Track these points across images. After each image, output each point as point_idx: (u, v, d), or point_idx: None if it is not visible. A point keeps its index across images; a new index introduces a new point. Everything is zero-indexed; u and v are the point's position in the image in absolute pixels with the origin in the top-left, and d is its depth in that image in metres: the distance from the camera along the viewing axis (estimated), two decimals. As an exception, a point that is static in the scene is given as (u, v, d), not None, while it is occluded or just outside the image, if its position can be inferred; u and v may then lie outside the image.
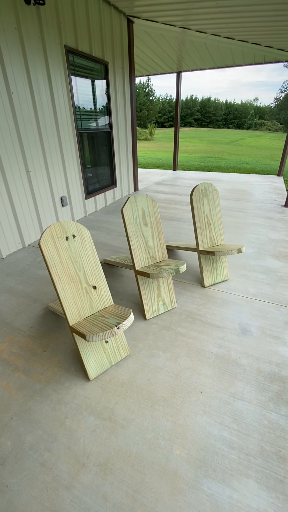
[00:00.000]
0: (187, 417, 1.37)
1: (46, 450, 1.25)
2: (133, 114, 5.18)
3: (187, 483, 1.12)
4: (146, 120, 39.03)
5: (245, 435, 1.29)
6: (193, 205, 2.29)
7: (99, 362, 1.59)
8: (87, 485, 1.12)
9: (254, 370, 1.62)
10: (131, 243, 1.93)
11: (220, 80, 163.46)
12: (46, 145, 3.27)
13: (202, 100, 49.60)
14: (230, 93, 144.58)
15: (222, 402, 1.44)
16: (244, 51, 5.57)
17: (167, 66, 6.91)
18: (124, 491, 1.10)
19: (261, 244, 3.26)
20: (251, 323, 2.00)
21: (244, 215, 4.30)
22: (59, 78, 3.26)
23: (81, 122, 3.86)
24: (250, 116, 46.92)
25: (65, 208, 3.84)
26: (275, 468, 1.16)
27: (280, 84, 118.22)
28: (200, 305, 2.20)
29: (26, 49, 2.76)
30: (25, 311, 2.17)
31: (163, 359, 1.70)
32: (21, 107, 2.84)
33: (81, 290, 1.55)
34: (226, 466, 1.18)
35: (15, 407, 1.44)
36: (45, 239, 1.45)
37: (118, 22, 4.27)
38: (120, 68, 4.55)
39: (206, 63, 6.67)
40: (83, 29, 3.51)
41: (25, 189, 3.10)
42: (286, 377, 1.57)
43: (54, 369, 1.65)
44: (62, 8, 3.11)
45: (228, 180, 7.09)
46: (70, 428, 1.33)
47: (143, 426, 1.33)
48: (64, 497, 1.09)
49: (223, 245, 2.43)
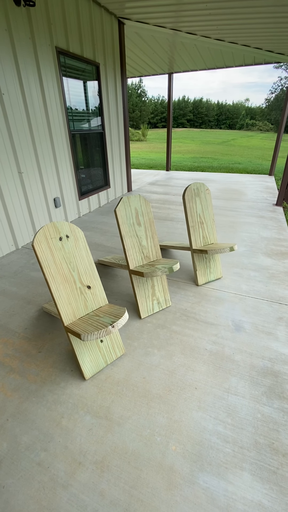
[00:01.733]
0: (182, 413, 1.39)
1: (43, 450, 1.25)
2: (125, 115, 5.20)
3: (183, 478, 1.14)
4: (138, 121, 39.10)
5: (239, 429, 1.31)
6: (186, 205, 2.32)
7: (94, 362, 1.60)
8: (84, 483, 1.13)
9: (247, 366, 1.65)
10: (124, 243, 1.94)
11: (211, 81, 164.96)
12: (39, 146, 3.26)
13: (194, 101, 49.97)
14: (222, 94, 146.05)
15: (217, 397, 1.46)
16: (234, 52, 5.65)
17: (158, 67, 6.96)
18: (121, 487, 1.11)
19: (253, 242, 3.31)
20: (244, 319, 2.03)
21: (237, 214, 4.36)
22: (51, 79, 3.26)
23: (73, 123, 3.86)
24: (241, 116, 47.44)
25: (58, 210, 3.83)
26: (268, 460, 1.19)
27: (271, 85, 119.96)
28: (194, 303, 2.23)
29: (17, 50, 2.75)
30: (19, 313, 2.16)
31: (158, 357, 1.72)
32: (13, 108, 2.83)
33: (76, 290, 1.56)
34: (221, 459, 1.20)
35: (11, 409, 1.43)
36: (39, 240, 1.45)
37: (109, 23, 4.28)
38: (112, 69, 4.56)
39: (197, 65, 6.74)
40: (74, 31, 3.51)
41: (17, 190, 3.08)
42: (278, 372, 1.60)
43: (49, 370, 1.65)
44: (53, 9, 3.11)
45: (221, 180, 7.17)
46: (66, 427, 1.34)
47: (139, 423, 1.34)
48: (61, 496, 1.09)
49: (216, 243, 2.46)
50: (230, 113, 50.70)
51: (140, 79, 42.90)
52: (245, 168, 10.27)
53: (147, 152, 17.65)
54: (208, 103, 50.75)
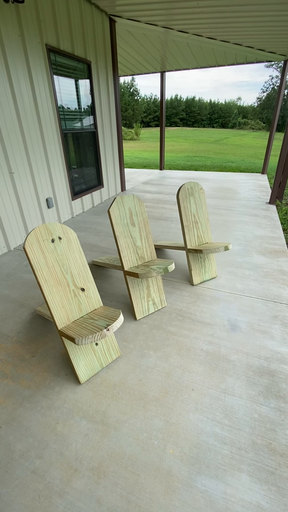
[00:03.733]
0: (179, 415, 1.37)
1: (37, 457, 1.22)
2: (118, 114, 5.16)
3: (181, 481, 1.13)
4: (131, 120, 38.96)
5: (237, 429, 1.31)
6: (180, 204, 2.31)
7: (89, 365, 1.57)
8: (80, 490, 1.11)
9: (243, 365, 1.65)
10: (119, 243, 1.92)
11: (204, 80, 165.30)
12: (30, 146, 3.20)
13: (187, 99, 50.01)
14: (214, 93, 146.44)
15: (214, 398, 1.45)
16: (226, 51, 5.66)
17: (150, 65, 6.93)
18: (118, 493, 1.09)
19: (248, 241, 3.32)
20: (239, 319, 2.03)
21: (231, 213, 4.37)
22: (41, 77, 3.20)
23: (65, 122, 3.80)
24: (234, 115, 47.71)
25: (51, 210, 3.78)
26: (266, 461, 1.19)
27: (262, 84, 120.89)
28: (190, 303, 2.22)
29: (6, 48, 2.69)
30: (12, 317, 2.11)
31: (154, 359, 1.71)
32: (2, 107, 2.77)
33: (69, 292, 1.53)
34: (219, 461, 1.19)
35: (4, 416, 1.40)
36: (30, 242, 1.42)
37: (100, 21, 4.23)
38: (104, 67, 4.52)
39: (189, 63, 6.73)
40: (64, 28, 3.46)
41: (8, 191, 3.02)
42: (274, 371, 1.60)
43: (43, 375, 1.62)
44: (42, 6, 3.05)
45: (214, 179, 7.18)
46: (61, 433, 1.31)
47: (136, 427, 1.33)
48: (57, 504, 1.07)
49: (211, 243, 2.45)
50: (223, 112, 50.93)
51: (133, 78, 42.74)
52: (238, 166, 10.33)
53: (140, 151, 17.60)
54: (200, 102, 50.88)
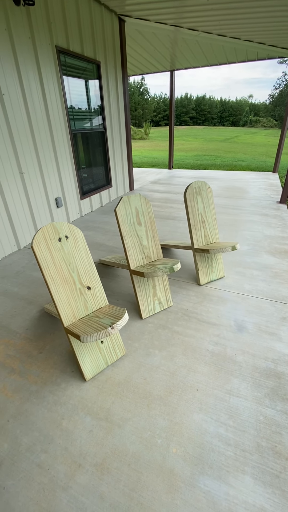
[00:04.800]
0: (183, 415, 1.37)
1: (43, 451, 1.24)
2: (127, 113, 5.17)
3: (184, 481, 1.13)
4: (141, 119, 38.97)
5: (241, 431, 1.30)
6: (187, 204, 2.29)
7: (95, 363, 1.59)
8: (83, 485, 1.12)
9: (250, 367, 1.63)
10: (125, 242, 1.93)
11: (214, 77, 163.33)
12: (40, 147, 3.26)
13: (197, 98, 49.60)
14: (225, 91, 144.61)
15: (218, 399, 1.44)
16: (237, 48, 5.58)
17: (160, 64, 6.90)
18: (121, 490, 1.10)
19: (257, 241, 3.27)
20: (246, 319, 2.01)
21: (240, 213, 4.31)
22: (51, 78, 3.25)
23: (74, 122, 3.85)
24: (245, 113, 46.97)
25: (60, 209, 3.83)
26: (271, 464, 1.17)
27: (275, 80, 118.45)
28: (196, 303, 2.21)
29: (17, 50, 2.74)
30: (20, 314, 2.16)
31: (159, 358, 1.71)
32: (13, 108, 2.82)
33: (75, 291, 1.55)
34: (222, 462, 1.18)
35: (12, 410, 1.43)
36: (38, 241, 1.45)
37: (110, 21, 4.25)
38: (113, 67, 4.54)
39: (199, 61, 6.67)
40: (74, 29, 3.49)
41: (19, 191, 3.08)
42: (281, 373, 1.57)
43: (50, 371, 1.65)
44: (52, 8, 3.10)
45: (224, 178, 7.10)
46: (66, 429, 1.33)
47: (140, 425, 1.33)
48: (61, 498, 1.09)
49: (218, 242, 2.43)
50: (234, 109, 50.23)
51: (142, 77, 42.76)
52: (248, 165, 10.17)
53: (150, 151, 17.59)
54: (211, 100, 50.35)
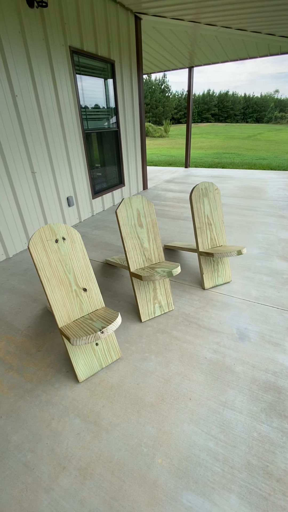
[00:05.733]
0: (173, 425, 1.34)
1: (30, 450, 1.26)
2: (142, 112, 5.14)
3: (166, 494, 1.09)
4: (161, 116, 38.71)
5: (232, 446, 1.24)
6: (193, 205, 2.23)
7: (88, 364, 1.59)
8: (65, 488, 1.13)
9: (248, 378, 1.55)
10: (125, 244, 1.91)
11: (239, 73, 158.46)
12: (52, 147, 3.31)
13: (220, 94, 48.40)
14: (249, 86, 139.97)
15: (211, 410, 1.39)
16: (258, 42, 5.35)
17: (178, 61, 6.78)
18: (102, 497, 1.09)
19: (269, 244, 3.13)
20: (250, 328, 1.92)
21: (254, 214, 4.15)
22: (64, 79, 3.29)
23: (87, 122, 3.87)
24: (270, 109, 45.20)
25: (71, 208, 3.89)
26: (260, 484, 1.11)
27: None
28: (199, 308, 2.15)
29: (30, 52, 2.80)
30: (24, 311, 2.21)
31: (154, 363, 1.68)
32: (26, 109, 2.89)
33: (71, 292, 1.55)
34: (208, 478, 1.14)
35: (5, 406, 1.47)
36: (34, 242, 1.46)
37: (125, 19, 4.23)
38: (128, 66, 4.51)
39: (219, 57, 6.47)
40: (88, 29, 3.51)
41: (30, 190, 3.16)
42: (282, 387, 1.49)
43: (46, 370, 1.67)
44: (66, 8, 3.12)
45: (241, 177, 6.87)
46: (55, 430, 1.34)
47: (127, 432, 1.32)
48: (43, 500, 1.10)
49: (225, 246, 2.35)
50: (258, 106, 48.49)
51: (164, 74, 42.42)
52: (269, 164, 9.78)
53: (168, 149, 17.43)
54: (234, 96, 48.94)
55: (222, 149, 16.69)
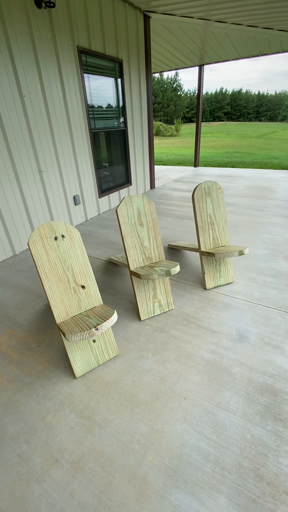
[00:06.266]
0: (165, 423, 1.34)
1: (25, 442, 1.30)
2: (150, 111, 5.13)
3: (155, 491, 1.10)
4: (173, 115, 38.49)
5: (224, 448, 1.23)
6: (195, 205, 2.22)
7: (85, 361, 1.61)
8: (57, 480, 1.15)
9: (245, 380, 1.54)
10: (125, 243, 1.92)
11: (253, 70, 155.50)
12: (59, 146, 3.36)
13: (233, 92, 47.65)
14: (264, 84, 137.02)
15: (205, 411, 1.38)
16: (270, 38, 5.23)
17: (188, 59, 6.73)
18: (91, 491, 1.11)
19: (276, 245, 3.07)
20: (250, 329, 1.89)
21: (262, 214, 4.07)
22: (71, 79, 3.32)
23: (94, 121, 3.90)
24: (284, 107, 44.16)
25: (78, 207, 3.93)
26: (250, 487, 1.10)
27: None
28: (199, 308, 2.14)
29: (38, 52, 2.85)
30: (27, 306, 2.26)
31: (151, 362, 1.68)
32: (33, 109, 2.94)
33: (69, 289, 1.58)
34: (198, 478, 1.13)
35: (4, 398, 1.51)
36: (34, 239, 1.49)
37: (134, 18, 4.23)
38: (136, 65, 4.52)
39: (229, 54, 6.38)
40: (96, 29, 3.53)
41: (37, 188, 3.22)
42: (279, 390, 1.46)
43: (45, 364, 1.71)
44: (74, 8, 3.15)
45: (251, 177, 6.76)
46: (50, 423, 1.37)
47: (120, 428, 1.33)
48: (34, 490, 1.12)
49: (227, 246, 2.32)
50: (272, 104, 47.46)
51: (176, 73, 42.13)
52: (280, 163, 9.57)
53: (178, 148, 17.33)
54: (247, 94, 48.06)
55: (234, 148, 16.45)
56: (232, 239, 3.27)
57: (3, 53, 2.54)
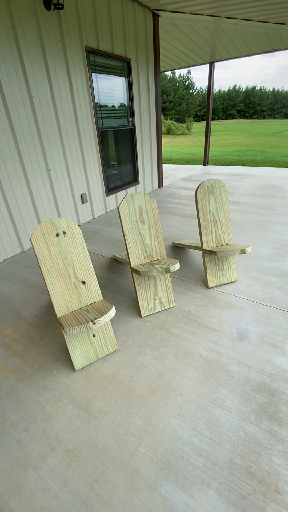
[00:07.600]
0: (160, 418, 1.36)
1: (24, 430, 1.35)
2: (158, 110, 5.13)
3: (146, 482, 1.12)
4: (185, 114, 38.21)
5: (217, 444, 1.24)
6: (198, 203, 2.22)
7: (85, 354, 1.65)
8: (52, 468, 1.19)
9: (242, 378, 1.53)
10: (126, 240, 1.94)
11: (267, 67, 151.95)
12: (67, 145, 3.42)
13: (246, 89, 46.78)
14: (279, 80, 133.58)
15: (200, 407, 1.39)
16: (282, 34, 5.11)
17: (198, 57, 6.67)
18: (84, 479, 1.15)
19: (282, 244, 3.01)
20: (250, 328, 1.88)
21: (271, 213, 4.00)
22: (80, 79, 3.38)
23: (102, 120, 3.95)
24: (300, 104, 42.92)
25: (85, 205, 3.99)
26: (241, 483, 1.10)
27: None
28: (200, 306, 2.14)
29: (47, 53, 2.91)
30: (32, 301, 2.33)
31: (149, 358, 1.70)
32: (42, 109, 3.01)
33: (70, 284, 1.62)
34: (189, 472, 1.15)
35: (6, 388, 1.57)
36: (36, 235, 1.54)
37: (143, 17, 4.24)
38: (144, 64, 4.53)
39: (241, 51, 6.28)
40: (105, 29, 3.57)
41: (45, 186, 3.30)
42: (276, 390, 1.45)
43: (46, 357, 1.76)
44: (83, 9, 3.20)
45: (261, 175, 6.64)
46: (49, 413, 1.42)
47: (115, 421, 1.36)
48: (30, 476, 1.17)
49: (230, 245, 2.31)
50: (287, 100, 46.26)
51: (188, 71, 41.75)
52: (294, 161, 9.33)
53: (189, 146, 17.20)
54: (262, 91, 47.06)
55: (246, 146, 16.17)
56: (239, 238, 3.24)
57: (13, 55, 2.62)
